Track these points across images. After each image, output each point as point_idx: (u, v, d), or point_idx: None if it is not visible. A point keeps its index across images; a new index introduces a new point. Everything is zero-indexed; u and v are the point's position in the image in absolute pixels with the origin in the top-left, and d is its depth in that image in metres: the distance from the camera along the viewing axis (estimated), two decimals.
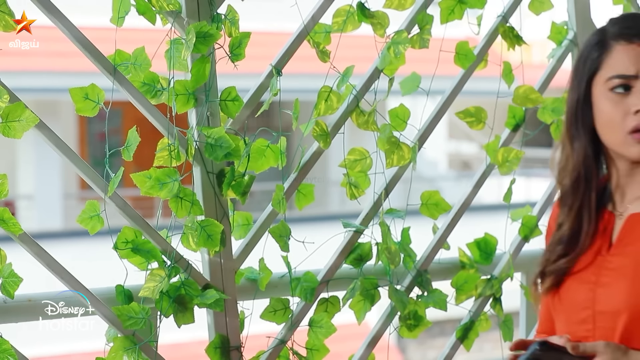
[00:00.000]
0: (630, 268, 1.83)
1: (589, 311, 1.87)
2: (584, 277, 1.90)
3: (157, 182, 2.22)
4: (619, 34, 1.86)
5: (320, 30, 2.50)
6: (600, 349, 1.77)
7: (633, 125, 1.83)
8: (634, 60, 1.84)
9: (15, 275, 2.09)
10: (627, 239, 1.87)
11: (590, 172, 1.91)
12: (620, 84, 1.85)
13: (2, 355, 2.08)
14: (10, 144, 12.34)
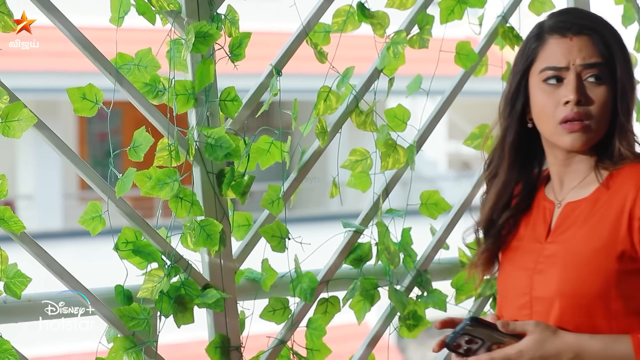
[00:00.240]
0: (563, 256, 1.90)
1: (527, 297, 1.93)
2: (522, 263, 1.96)
3: (157, 182, 2.22)
4: (554, 27, 1.92)
5: (320, 30, 2.50)
6: (529, 327, 1.84)
7: (563, 115, 1.89)
8: (566, 52, 1.89)
9: (22, 275, 2.09)
10: (562, 227, 1.93)
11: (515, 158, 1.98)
12: (553, 75, 1.90)
13: (3, 355, 2.08)
14: (10, 144, 12.34)
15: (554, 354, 1.83)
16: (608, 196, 1.90)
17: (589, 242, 1.88)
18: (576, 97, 1.88)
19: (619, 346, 1.83)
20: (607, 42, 1.91)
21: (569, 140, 1.90)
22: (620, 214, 1.87)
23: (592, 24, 1.92)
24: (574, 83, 1.89)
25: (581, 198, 1.94)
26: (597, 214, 1.90)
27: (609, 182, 1.91)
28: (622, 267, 1.86)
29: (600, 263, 1.86)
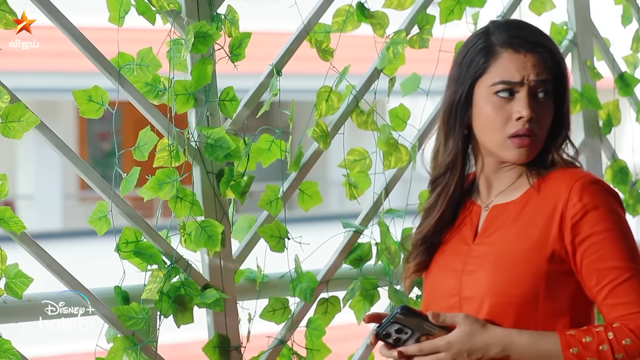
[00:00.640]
0: (492, 257, 1.93)
1: (456, 298, 1.95)
2: (451, 265, 1.99)
3: (156, 182, 2.22)
4: (507, 42, 1.94)
5: (320, 30, 2.50)
6: (459, 320, 1.86)
7: (514, 130, 1.92)
8: (520, 68, 1.92)
9: (23, 275, 2.09)
10: (489, 229, 1.97)
11: (456, 166, 2.01)
12: (506, 89, 1.93)
13: (4, 355, 2.08)
14: (10, 144, 12.34)
15: (482, 346, 1.85)
16: (538, 199, 1.94)
17: (519, 243, 1.92)
18: (529, 114, 1.91)
19: (546, 342, 1.86)
20: (557, 60, 1.96)
21: (516, 154, 1.94)
22: (552, 215, 1.91)
23: (543, 41, 1.96)
24: (527, 99, 1.92)
25: (509, 201, 1.97)
26: (526, 215, 1.94)
27: (539, 185, 1.95)
28: (552, 268, 1.90)
29: (530, 263, 1.90)
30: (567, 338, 1.85)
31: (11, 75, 10.05)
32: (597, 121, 3.02)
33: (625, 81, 3.08)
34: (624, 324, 1.86)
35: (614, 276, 1.88)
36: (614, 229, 1.89)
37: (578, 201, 1.89)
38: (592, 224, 1.89)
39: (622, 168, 3.07)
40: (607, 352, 1.83)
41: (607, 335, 1.84)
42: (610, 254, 1.88)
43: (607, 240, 1.89)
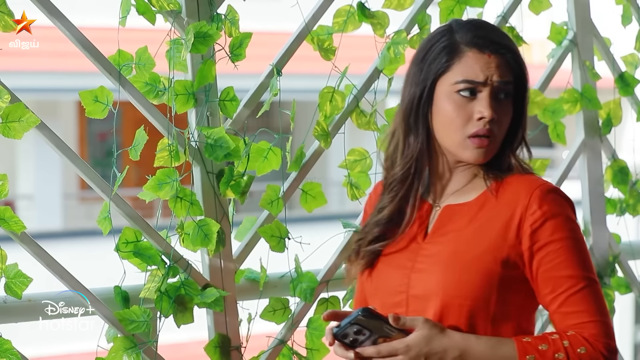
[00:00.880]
0: (445, 256, 1.92)
1: (403, 295, 1.94)
2: (399, 262, 1.97)
3: (156, 182, 2.22)
4: (472, 42, 1.93)
5: (322, 32, 2.50)
6: (418, 323, 1.84)
7: (474, 130, 1.92)
8: (484, 68, 1.91)
9: (23, 275, 2.09)
10: (442, 228, 1.96)
11: (422, 165, 1.99)
12: (468, 88, 1.92)
13: (4, 355, 2.08)
14: (10, 144, 12.34)
15: (440, 351, 1.84)
16: (496, 202, 1.94)
17: (474, 244, 1.91)
18: (491, 115, 1.91)
19: (503, 348, 1.85)
20: (519, 62, 1.97)
21: (474, 154, 1.93)
22: (510, 220, 1.91)
23: (507, 43, 1.96)
24: (489, 100, 1.91)
25: (463, 202, 1.97)
26: (482, 218, 1.93)
27: (497, 189, 1.95)
28: (505, 272, 1.90)
29: (484, 265, 1.90)
30: (523, 345, 1.85)
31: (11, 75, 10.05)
32: (597, 121, 3.02)
33: (625, 81, 3.08)
34: (578, 332, 1.86)
35: (569, 285, 1.89)
36: (571, 237, 1.90)
37: (538, 209, 1.90)
38: (550, 232, 1.89)
39: (622, 168, 3.07)
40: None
41: (563, 344, 1.85)
42: (567, 262, 1.89)
43: (564, 249, 1.89)
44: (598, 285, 1.91)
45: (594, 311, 1.88)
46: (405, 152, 1.99)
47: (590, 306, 1.88)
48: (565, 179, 3.02)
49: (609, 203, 3.08)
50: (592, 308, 1.88)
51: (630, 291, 3.11)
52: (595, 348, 1.86)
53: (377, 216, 2.02)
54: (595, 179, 3.05)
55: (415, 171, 1.98)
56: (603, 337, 1.87)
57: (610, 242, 3.07)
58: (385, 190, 2.03)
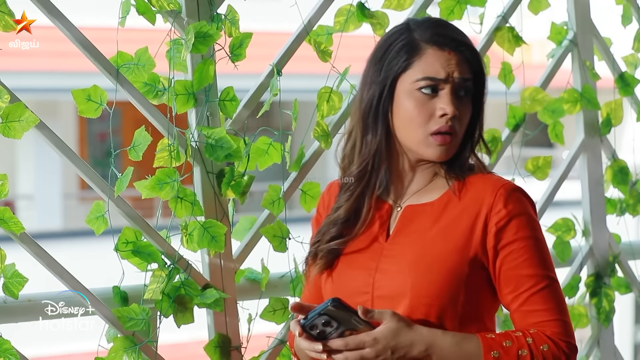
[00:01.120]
0: (411, 256, 1.91)
1: (367, 296, 1.93)
2: (361, 263, 1.96)
3: (157, 182, 2.22)
4: (432, 39, 1.93)
5: (322, 32, 2.50)
6: (387, 317, 1.83)
7: (437, 127, 1.91)
8: (445, 65, 1.91)
9: (19, 275, 2.09)
10: (405, 229, 1.95)
11: (379, 163, 1.98)
12: (429, 85, 1.91)
13: (3, 355, 2.08)
14: (10, 143, 12.33)
15: (407, 344, 1.84)
16: (460, 202, 1.94)
17: (440, 245, 1.91)
18: (453, 111, 1.91)
19: (468, 344, 1.86)
20: (477, 59, 1.96)
21: (437, 151, 1.93)
22: (476, 219, 1.91)
23: (466, 40, 1.96)
24: (451, 96, 1.91)
25: (426, 202, 1.97)
26: (447, 218, 1.93)
27: (460, 188, 1.95)
28: (472, 272, 1.91)
29: (451, 265, 1.90)
30: (488, 341, 1.86)
31: (11, 75, 10.05)
32: (597, 121, 3.02)
33: (625, 81, 3.08)
34: (541, 330, 1.88)
35: (531, 284, 1.90)
36: (533, 237, 1.92)
37: (503, 207, 1.91)
38: (515, 230, 1.90)
39: (622, 168, 3.07)
40: (526, 357, 1.85)
41: (527, 341, 1.86)
42: (529, 261, 1.91)
43: (527, 248, 1.91)
44: (558, 284, 1.93)
45: (555, 310, 1.90)
46: (363, 150, 1.98)
47: (552, 305, 1.90)
48: (565, 179, 3.02)
49: (609, 203, 3.08)
50: (553, 307, 1.90)
51: (630, 291, 3.12)
52: (557, 346, 1.88)
53: (334, 215, 2.01)
54: (595, 179, 3.05)
55: (372, 169, 1.97)
56: (564, 336, 1.89)
57: (610, 242, 3.07)
58: (341, 189, 2.02)
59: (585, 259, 3.03)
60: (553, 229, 2.94)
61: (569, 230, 2.95)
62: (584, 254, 3.03)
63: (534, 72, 3.01)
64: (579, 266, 3.02)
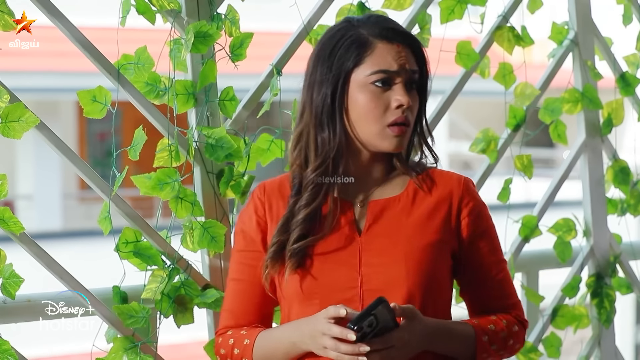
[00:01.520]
0: (399, 248, 1.96)
1: (355, 290, 1.95)
2: (341, 260, 1.98)
3: (157, 182, 2.22)
4: (381, 34, 1.97)
5: (322, 32, 2.50)
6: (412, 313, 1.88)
7: (393, 118, 1.96)
8: (396, 57, 1.96)
9: (16, 275, 2.09)
10: (379, 223, 1.99)
11: (339, 162, 2.00)
12: (383, 78, 1.96)
13: (2, 355, 2.08)
14: (9, 143, 12.34)
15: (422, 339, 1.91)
16: (429, 195, 2.02)
17: (423, 235, 1.98)
18: (408, 102, 1.95)
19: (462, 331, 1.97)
20: (422, 53, 2.01)
21: (394, 142, 1.97)
22: (449, 212, 2.01)
23: (411, 34, 2.02)
24: (404, 88, 1.97)
25: (390, 197, 2.01)
26: (420, 210, 2.00)
27: (424, 182, 2.03)
28: (451, 261, 2.01)
29: (437, 256, 1.98)
30: (479, 327, 1.98)
31: (11, 75, 10.06)
32: (598, 121, 3.02)
33: (626, 81, 3.08)
34: (508, 312, 2.04)
35: (498, 269, 2.05)
36: (493, 226, 2.08)
37: (471, 200, 2.03)
38: (484, 221, 2.04)
39: (623, 168, 3.07)
40: (505, 339, 2.00)
41: (503, 322, 2.02)
42: (495, 249, 2.06)
43: (493, 237, 2.06)
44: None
45: (514, 292, 2.07)
46: (320, 150, 1.99)
47: (512, 288, 2.07)
48: (566, 179, 3.02)
49: (610, 203, 3.08)
50: (513, 290, 2.07)
51: (631, 291, 3.11)
52: (522, 325, 2.04)
53: (297, 217, 1.99)
54: (596, 179, 3.04)
55: (334, 168, 1.99)
56: (523, 315, 2.06)
57: (611, 243, 3.07)
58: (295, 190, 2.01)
59: (586, 259, 3.03)
60: (554, 229, 2.93)
61: (569, 230, 2.95)
62: (585, 254, 3.02)
63: (534, 72, 3.00)
64: (579, 266, 3.01)
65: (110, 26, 2.20)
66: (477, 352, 1.97)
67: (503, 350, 2.00)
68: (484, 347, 1.97)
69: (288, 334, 1.95)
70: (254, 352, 1.98)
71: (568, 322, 2.97)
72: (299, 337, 1.92)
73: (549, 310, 2.97)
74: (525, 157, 2.86)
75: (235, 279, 2.05)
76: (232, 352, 2.01)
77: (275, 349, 1.96)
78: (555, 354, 2.96)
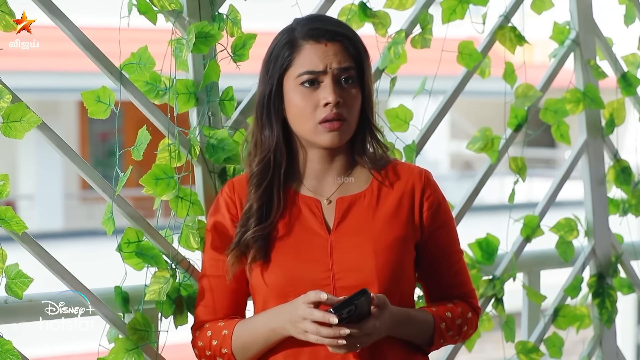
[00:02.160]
0: (368, 245, 2.03)
1: (328, 288, 2.01)
2: (312, 257, 2.03)
3: (152, 177, 2.21)
4: (308, 34, 2.03)
5: None
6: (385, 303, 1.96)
7: (323, 116, 2.01)
8: (322, 57, 2.02)
9: (24, 275, 2.08)
10: (347, 220, 2.06)
11: (280, 156, 2.07)
12: (310, 79, 2.02)
13: (5, 355, 2.07)
14: (11, 143, 12.34)
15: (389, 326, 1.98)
16: (392, 190, 2.09)
17: (391, 231, 2.06)
18: (335, 99, 2.00)
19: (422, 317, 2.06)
20: (358, 48, 2.05)
21: (328, 138, 2.02)
22: (412, 205, 2.09)
23: (343, 30, 2.05)
24: (332, 86, 2.01)
25: (355, 193, 2.08)
26: (385, 205, 2.07)
27: (386, 177, 2.09)
28: (414, 253, 2.09)
29: (404, 250, 2.06)
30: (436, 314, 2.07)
31: (13, 75, 10.05)
32: (599, 121, 3.01)
33: (627, 81, 3.07)
34: (464, 300, 2.14)
35: (456, 259, 2.14)
36: (452, 218, 2.16)
37: (432, 193, 2.11)
38: (443, 212, 2.12)
39: (624, 168, 3.07)
40: (460, 325, 2.10)
41: (459, 310, 2.11)
42: (453, 239, 2.15)
43: (452, 228, 2.15)
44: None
45: (470, 281, 2.17)
46: (262, 146, 2.07)
47: (467, 277, 2.17)
48: (568, 179, 3.01)
49: (612, 203, 3.08)
50: (469, 278, 2.17)
51: (632, 291, 3.11)
52: (476, 312, 2.15)
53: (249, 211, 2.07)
54: (598, 179, 3.04)
55: (275, 163, 2.06)
56: (477, 303, 2.17)
57: (612, 243, 3.06)
58: (249, 185, 2.09)
59: (588, 259, 3.02)
60: (555, 229, 2.93)
61: (571, 230, 2.95)
62: (587, 254, 3.02)
63: (536, 72, 3.00)
64: (581, 266, 3.01)
65: (111, 26, 2.20)
66: (434, 337, 2.06)
67: (458, 335, 2.11)
68: (441, 333, 2.07)
69: (266, 321, 2.01)
70: (232, 341, 2.05)
71: (570, 322, 2.97)
72: (278, 323, 1.99)
73: (551, 310, 2.97)
74: (520, 160, 2.85)
75: (209, 275, 2.12)
76: (210, 344, 2.08)
77: (254, 337, 2.03)
78: (557, 354, 2.95)
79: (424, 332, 2.06)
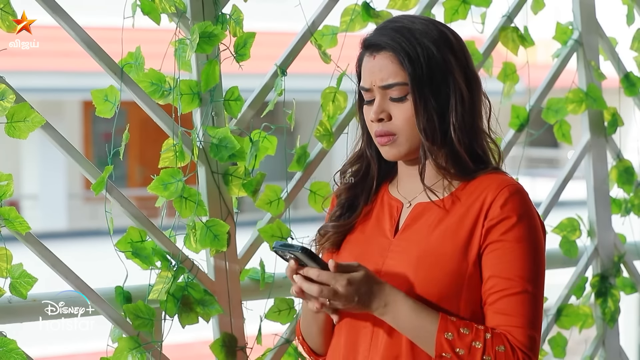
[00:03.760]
0: (414, 254, 1.93)
1: None
2: (370, 258, 1.99)
3: (160, 183, 2.22)
4: (364, 45, 1.99)
5: (328, 32, 2.50)
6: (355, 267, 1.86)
7: (374, 131, 1.98)
8: (369, 73, 1.96)
9: (28, 275, 2.09)
10: (412, 226, 1.98)
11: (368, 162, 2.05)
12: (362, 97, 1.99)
13: (9, 354, 2.08)
14: (14, 143, 12.35)
15: (372, 294, 1.86)
16: (466, 200, 1.94)
17: (445, 244, 1.92)
18: (375, 117, 1.95)
19: (426, 317, 1.87)
20: (413, 57, 1.92)
21: (384, 151, 1.98)
22: (477, 219, 1.92)
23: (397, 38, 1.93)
24: (376, 102, 1.95)
25: (433, 200, 1.98)
26: (452, 217, 1.94)
27: (463, 188, 1.96)
28: (475, 271, 1.91)
29: (454, 265, 1.91)
30: (446, 322, 1.85)
31: (16, 75, 10.06)
32: (602, 121, 3.02)
33: (630, 81, 3.08)
34: (504, 332, 1.86)
35: (507, 286, 1.88)
36: (522, 241, 1.91)
37: (499, 207, 1.91)
38: (503, 231, 1.90)
39: (627, 168, 3.07)
40: (478, 350, 1.84)
41: (485, 335, 1.85)
42: (512, 264, 1.89)
43: (514, 251, 1.90)
44: (539, 297, 1.90)
45: (526, 320, 1.88)
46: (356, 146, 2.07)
47: (523, 313, 1.88)
48: (571, 179, 3.01)
49: (614, 203, 3.08)
50: (525, 316, 1.88)
51: (635, 291, 3.11)
52: (514, 352, 1.85)
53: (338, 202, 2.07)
54: (601, 179, 3.04)
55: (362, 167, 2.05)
56: (526, 348, 1.87)
57: (615, 242, 3.07)
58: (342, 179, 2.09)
59: (591, 259, 3.02)
60: (558, 229, 2.93)
61: (574, 230, 2.95)
62: (589, 254, 3.02)
63: (538, 72, 3.00)
64: (584, 266, 3.01)
65: (114, 26, 2.20)
66: (435, 346, 1.86)
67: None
68: (443, 344, 1.85)
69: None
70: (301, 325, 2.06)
71: (572, 322, 2.97)
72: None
73: (554, 310, 2.97)
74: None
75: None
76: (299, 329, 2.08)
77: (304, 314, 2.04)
78: (561, 354, 2.96)
79: (424, 333, 1.86)
